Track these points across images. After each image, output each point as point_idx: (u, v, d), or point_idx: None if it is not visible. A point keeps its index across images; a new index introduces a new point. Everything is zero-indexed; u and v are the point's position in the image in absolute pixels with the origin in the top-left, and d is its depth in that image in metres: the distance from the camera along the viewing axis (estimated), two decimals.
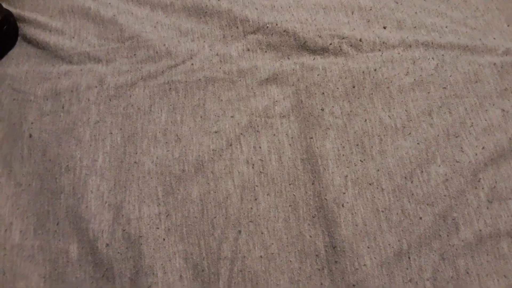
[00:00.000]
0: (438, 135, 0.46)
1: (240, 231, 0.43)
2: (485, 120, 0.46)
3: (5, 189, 0.45)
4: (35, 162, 0.46)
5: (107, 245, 0.42)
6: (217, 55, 0.52)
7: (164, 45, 0.52)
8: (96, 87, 0.50)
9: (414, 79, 0.49)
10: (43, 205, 0.44)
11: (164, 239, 0.42)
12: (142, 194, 0.44)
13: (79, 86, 0.50)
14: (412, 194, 0.43)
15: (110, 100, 0.49)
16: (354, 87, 0.49)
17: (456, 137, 0.46)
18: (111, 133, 0.48)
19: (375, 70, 0.49)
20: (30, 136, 0.48)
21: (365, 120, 0.47)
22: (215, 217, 0.43)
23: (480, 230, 0.41)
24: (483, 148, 0.45)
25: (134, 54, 0.52)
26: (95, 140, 0.47)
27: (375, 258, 0.41)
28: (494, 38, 0.52)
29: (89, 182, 0.45)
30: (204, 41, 0.53)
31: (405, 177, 0.44)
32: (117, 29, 0.54)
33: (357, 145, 0.46)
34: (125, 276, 0.41)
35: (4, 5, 0.55)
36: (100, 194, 0.44)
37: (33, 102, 0.50)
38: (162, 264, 0.41)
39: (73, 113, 0.49)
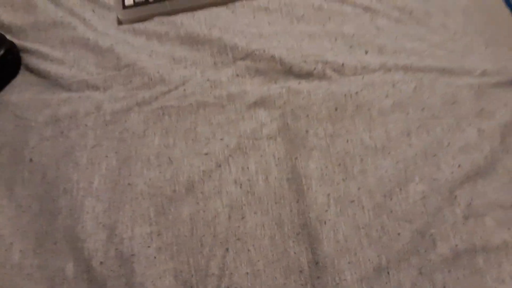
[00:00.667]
0: (416, 155, 0.48)
1: (227, 249, 0.45)
2: (462, 139, 0.49)
3: (7, 211, 0.48)
4: (35, 185, 0.49)
5: (101, 263, 0.44)
6: (208, 80, 0.55)
7: (158, 72, 0.56)
8: (93, 113, 0.53)
9: (394, 102, 0.51)
10: (42, 225, 0.47)
11: (155, 257, 0.44)
12: (135, 215, 0.46)
13: (77, 112, 0.53)
14: (391, 211, 0.45)
15: (106, 125, 0.52)
16: (336, 109, 0.51)
17: (434, 156, 0.48)
18: (107, 156, 0.50)
19: (356, 93, 0.52)
20: (31, 160, 0.50)
21: (347, 141, 0.50)
22: (203, 236, 0.45)
23: (457, 246, 0.43)
24: (459, 166, 0.47)
25: (130, 81, 0.55)
26: (92, 164, 0.50)
27: (355, 273, 0.43)
28: (472, 60, 0.55)
29: (85, 203, 0.47)
30: (196, 68, 0.56)
31: (385, 195, 0.46)
32: (114, 57, 0.57)
33: (339, 164, 0.49)
34: None
35: (8, 37, 0.58)
36: (95, 215, 0.47)
37: (34, 128, 0.53)
38: (152, 282, 0.43)
39: (72, 138, 0.52)
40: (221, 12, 0.61)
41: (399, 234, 0.44)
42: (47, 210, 0.47)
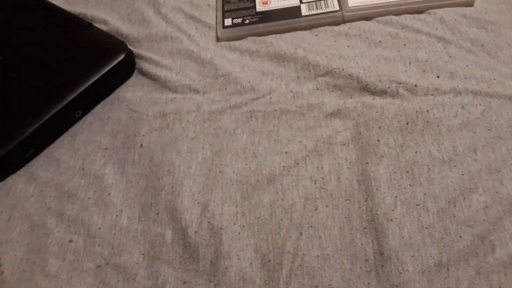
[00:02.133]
0: (481, 169, 0.53)
1: (301, 233, 0.51)
2: None
3: (119, 184, 0.58)
4: (143, 165, 0.58)
5: (195, 232, 0.52)
6: (291, 92, 0.63)
7: (249, 82, 0.64)
8: (194, 111, 0.62)
9: (462, 121, 0.56)
10: (147, 198, 0.56)
11: (239, 233, 0.52)
12: (224, 196, 0.54)
13: (181, 110, 0.63)
14: (454, 216, 0.50)
15: (204, 122, 0.61)
16: (407, 123, 0.57)
17: (498, 172, 0.52)
18: (203, 147, 0.59)
19: (427, 111, 0.57)
20: (141, 145, 0.60)
21: (416, 152, 0.55)
22: (281, 220, 0.52)
23: None
24: None
25: (225, 88, 0.65)
26: (190, 152, 0.59)
27: (417, 265, 0.47)
28: None
29: (184, 183, 0.56)
30: (281, 81, 0.65)
31: (449, 202, 0.51)
32: (213, 68, 0.67)
33: (407, 171, 0.54)
34: (207, 259, 0.50)
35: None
36: (192, 193, 0.55)
37: (145, 120, 0.63)
38: (236, 252, 0.50)
39: (175, 130, 0.61)
40: (305, 35, 0.69)
41: (460, 236, 0.48)
42: (152, 186, 0.56)
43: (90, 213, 0.55)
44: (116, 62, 0.67)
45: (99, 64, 0.67)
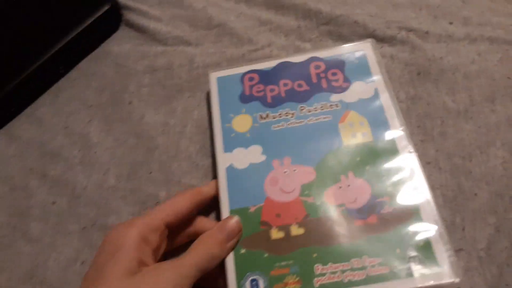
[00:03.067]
0: (499, 121, 0.48)
1: None
2: None
3: (105, 142, 0.54)
4: (133, 123, 0.54)
5: None
6: (293, 44, 0.58)
7: (246, 33, 0.59)
8: (187, 65, 0.57)
9: (480, 67, 0.52)
10: (138, 157, 0.52)
11: None
12: None
13: (172, 64, 0.58)
14: (470, 172, 0.46)
15: (198, 78, 0.57)
16: (419, 74, 0.52)
17: None
18: (199, 105, 0.55)
19: (441, 58, 0.53)
20: (130, 103, 0.56)
21: (428, 104, 0.51)
22: None
23: None
24: None
25: (220, 40, 0.59)
26: (186, 111, 0.54)
27: None
28: None
29: (180, 144, 0.52)
30: (281, 31, 0.60)
31: (464, 157, 0.47)
32: (206, 18, 0.61)
33: (419, 126, 0.50)
34: None
35: None
36: (189, 155, 0.51)
37: (134, 75, 0.58)
38: None
39: (168, 87, 0.56)
40: None
41: (476, 194, 0.45)
42: (144, 145, 0.52)
43: (74, 173, 0.51)
44: (100, 14, 0.62)
45: (82, 16, 0.61)
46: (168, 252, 0.42)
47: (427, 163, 0.48)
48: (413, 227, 0.40)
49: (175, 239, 0.42)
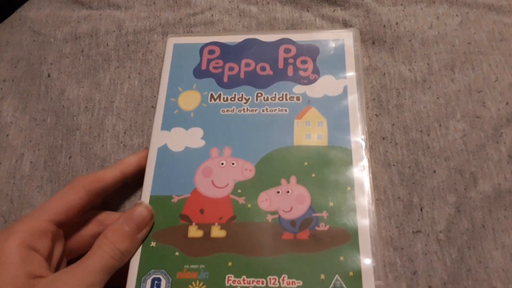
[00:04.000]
0: (459, 90, 0.45)
1: None
2: (511, 76, 0.45)
3: (19, 123, 0.46)
4: (52, 100, 0.47)
5: None
6: (237, 7, 0.52)
7: None
8: (115, 31, 0.50)
9: (438, 32, 0.47)
10: (56, 139, 0.45)
11: None
12: None
13: (98, 30, 0.50)
14: (428, 148, 0.42)
15: (128, 46, 0.49)
16: (374, 43, 0.48)
17: (478, 92, 0.44)
18: (129, 77, 0.48)
19: (396, 23, 0.48)
20: (49, 76, 0.48)
21: (384, 74, 0.46)
22: None
23: (500, 184, 0.40)
24: (506, 103, 0.43)
25: (153, 2, 0.52)
26: (114, 84, 0.47)
27: (383, 210, 0.40)
28: None
29: (105, 122, 0.45)
30: None
31: (421, 131, 0.43)
32: None
33: (374, 99, 0.45)
34: None
35: None
36: (116, 134, 0.44)
37: (53, 44, 0.50)
38: None
39: (93, 56, 0.49)
40: None
41: (434, 171, 0.41)
42: (63, 125, 0.45)
43: None
44: None
45: None
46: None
47: (382, 139, 0.43)
48: (345, 254, 0.35)
49: (78, 239, 0.36)
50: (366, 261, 0.34)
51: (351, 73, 0.43)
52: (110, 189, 0.37)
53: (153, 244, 0.36)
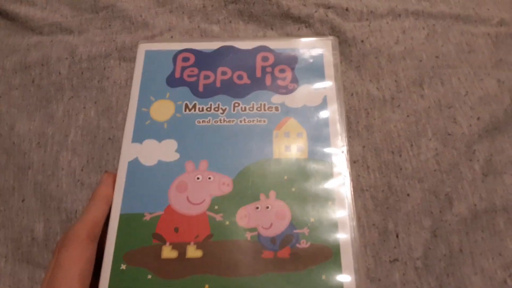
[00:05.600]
0: (429, 107, 0.43)
1: None
2: (481, 89, 0.44)
3: None
4: (2, 136, 0.43)
5: None
6: (198, 27, 0.50)
7: (141, 15, 0.50)
8: (67, 59, 0.47)
9: (405, 48, 0.46)
10: (8, 180, 0.41)
11: None
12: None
13: (49, 58, 0.47)
14: (400, 169, 0.41)
15: (82, 73, 0.46)
16: (340, 62, 0.46)
17: (449, 108, 0.43)
18: (85, 107, 0.45)
19: (362, 41, 0.47)
20: None
21: (352, 94, 0.44)
22: None
23: (475, 205, 0.39)
24: (478, 118, 0.42)
25: (109, 25, 0.49)
26: (68, 116, 0.44)
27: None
28: (488, 9, 0.50)
29: (60, 158, 0.42)
30: (183, 13, 0.50)
31: (393, 152, 0.41)
32: None
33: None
34: None
35: None
36: (72, 171, 0.41)
37: (1, 75, 0.47)
38: None
39: (44, 87, 0.46)
40: None
41: (408, 194, 0.40)
42: (15, 164, 0.42)
43: None
44: None
45: None
46: None
47: (353, 162, 0.42)
48: (327, 272, 0.33)
49: None
50: (349, 279, 0.33)
51: (330, 83, 0.42)
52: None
53: (123, 266, 0.33)
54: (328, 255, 0.34)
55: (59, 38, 0.48)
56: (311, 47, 0.44)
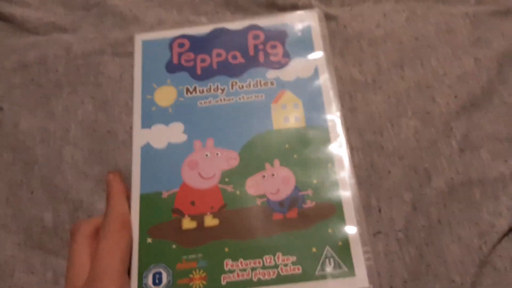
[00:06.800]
0: (409, 87, 0.46)
1: None
2: (458, 68, 0.46)
3: None
4: (6, 134, 0.46)
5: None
6: (187, 20, 0.52)
7: (131, 10, 0.51)
8: (63, 56, 0.49)
9: (385, 31, 0.48)
10: (16, 174, 0.44)
11: None
12: (119, 165, 0.44)
13: (46, 56, 0.49)
14: (382, 148, 0.43)
15: (78, 69, 0.49)
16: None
17: (428, 88, 0.45)
18: (83, 102, 0.47)
19: (344, 26, 0.48)
20: (1, 109, 0.47)
21: (336, 79, 0.46)
22: None
23: (452, 179, 0.41)
24: (455, 96, 0.44)
25: (101, 22, 0.51)
26: (67, 111, 0.47)
27: None
28: None
29: (63, 152, 0.45)
30: (172, 6, 0.52)
31: (375, 132, 0.44)
32: None
33: None
34: None
35: None
36: (75, 164, 0.44)
37: (2, 75, 0.49)
38: None
39: (44, 84, 0.48)
40: None
41: (389, 171, 0.42)
42: (21, 159, 0.45)
43: None
44: None
45: None
46: None
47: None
48: (333, 226, 0.37)
49: None
50: (352, 230, 0.37)
51: (320, 53, 0.45)
52: None
53: (149, 240, 0.37)
54: (332, 211, 0.38)
55: (54, 36, 0.51)
56: (299, 21, 0.47)
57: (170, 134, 0.42)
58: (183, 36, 0.47)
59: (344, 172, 0.39)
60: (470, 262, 0.38)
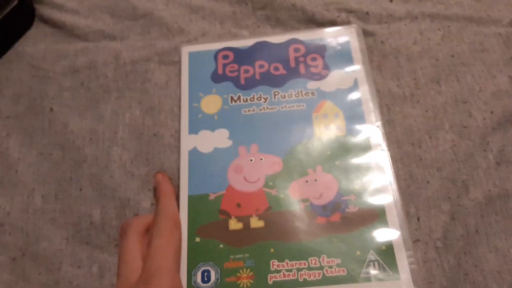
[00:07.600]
0: (446, 102, 0.47)
1: None
2: (494, 85, 0.47)
3: (27, 158, 0.47)
4: (57, 133, 0.48)
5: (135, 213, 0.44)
6: (229, 32, 0.54)
7: (176, 22, 0.54)
8: (112, 63, 0.52)
9: (422, 48, 0.50)
10: (65, 172, 0.46)
11: None
12: (164, 166, 0.45)
13: (96, 62, 0.52)
14: (420, 159, 0.44)
15: (126, 76, 0.51)
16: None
17: (464, 103, 0.47)
18: (130, 107, 0.49)
19: (382, 42, 0.50)
20: (51, 110, 0.49)
21: (376, 91, 0.48)
22: None
23: (489, 191, 0.42)
24: (491, 112, 0.46)
25: (148, 32, 0.54)
26: (116, 114, 0.49)
27: None
28: (499, 10, 0.53)
29: (111, 153, 0.46)
30: (215, 19, 0.55)
31: (413, 144, 0.45)
32: (130, 7, 0.55)
33: None
34: None
35: None
36: (123, 164, 0.46)
37: (53, 78, 0.51)
38: None
39: (93, 89, 0.51)
40: None
41: (428, 182, 0.44)
42: (70, 157, 0.47)
43: None
44: (8, 10, 0.54)
45: None
46: None
47: None
48: (376, 230, 0.39)
49: None
50: (396, 235, 0.38)
51: (358, 66, 0.47)
52: None
53: (197, 239, 0.39)
54: (375, 217, 0.39)
55: (103, 44, 0.53)
56: (338, 36, 0.49)
57: (216, 139, 0.44)
58: (227, 49, 0.50)
59: (386, 178, 0.41)
60: (507, 271, 0.39)
